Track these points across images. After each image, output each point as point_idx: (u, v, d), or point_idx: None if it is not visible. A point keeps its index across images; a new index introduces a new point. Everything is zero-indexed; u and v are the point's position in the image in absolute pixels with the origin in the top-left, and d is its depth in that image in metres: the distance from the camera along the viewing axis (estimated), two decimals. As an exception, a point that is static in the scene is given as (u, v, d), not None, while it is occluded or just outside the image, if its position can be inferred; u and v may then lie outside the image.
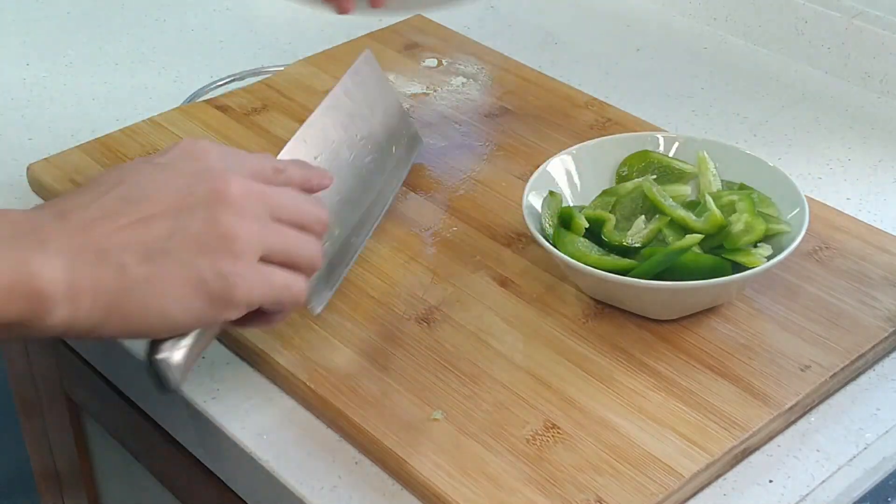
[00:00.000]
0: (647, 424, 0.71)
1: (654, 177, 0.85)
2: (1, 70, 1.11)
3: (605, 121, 0.99)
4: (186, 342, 0.66)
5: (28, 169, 0.94)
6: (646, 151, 0.87)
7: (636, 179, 0.85)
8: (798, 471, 0.71)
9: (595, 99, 1.02)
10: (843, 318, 0.78)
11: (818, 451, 0.72)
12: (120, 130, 0.98)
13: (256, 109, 1.00)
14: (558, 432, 0.70)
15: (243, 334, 0.77)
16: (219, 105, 1.01)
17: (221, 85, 1.07)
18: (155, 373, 0.65)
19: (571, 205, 0.84)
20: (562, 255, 0.77)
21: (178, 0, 1.23)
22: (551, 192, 0.83)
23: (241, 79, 1.07)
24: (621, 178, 0.87)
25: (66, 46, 1.14)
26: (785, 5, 1.10)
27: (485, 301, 0.80)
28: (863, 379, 0.77)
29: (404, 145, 0.92)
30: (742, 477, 0.70)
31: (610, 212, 0.83)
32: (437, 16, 1.17)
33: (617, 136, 0.89)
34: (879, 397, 0.76)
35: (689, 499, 0.69)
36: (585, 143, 0.87)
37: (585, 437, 0.70)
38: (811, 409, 0.74)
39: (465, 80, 1.05)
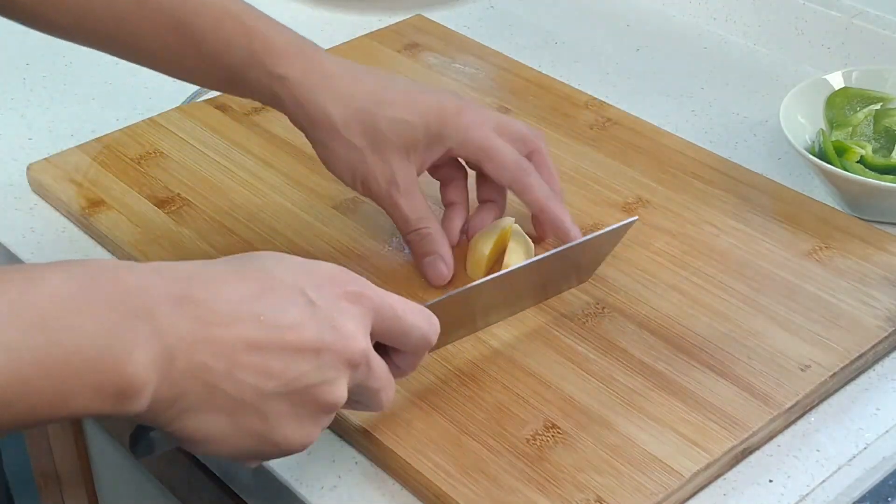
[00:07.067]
0: (647, 424, 0.71)
1: (878, 106, 0.94)
2: (1, 70, 1.11)
3: (605, 121, 0.99)
4: None
5: (28, 169, 0.94)
6: (846, 88, 0.95)
7: (863, 110, 0.94)
8: (798, 471, 0.71)
9: (595, 99, 1.02)
10: (842, 317, 0.78)
11: (818, 450, 0.72)
12: (120, 130, 0.98)
13: (256, 109, 1.00)
14: (558, 432, 0.70)
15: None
16: (218, 105, 1.01)
17: (221, 85, 1.07)
18: (138, 438, 0.61)
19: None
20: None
21: (178, 0, 1.23)
22: (822, 130, 0.93)
23: (241, 79, 1.07)
24: (835, 117, 0.94)
25: (66, 46, 1.13)
26: (785, 5, 1.10)
27: (485, 301, 0.80)
28: (863, 379, 0.77)
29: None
30: (742, 477, 0.70)
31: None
32: (437, 16, 1.17)
33: (799, 86, 0.95)
34: (879, 397, 0.76)
35: (689, 499, 0.69)
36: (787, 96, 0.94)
37: (585, 436, 0.70)
38: (811, 409, 0.74)
39: (465, 80, 1.05)
